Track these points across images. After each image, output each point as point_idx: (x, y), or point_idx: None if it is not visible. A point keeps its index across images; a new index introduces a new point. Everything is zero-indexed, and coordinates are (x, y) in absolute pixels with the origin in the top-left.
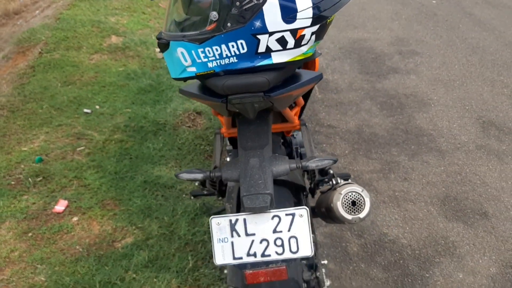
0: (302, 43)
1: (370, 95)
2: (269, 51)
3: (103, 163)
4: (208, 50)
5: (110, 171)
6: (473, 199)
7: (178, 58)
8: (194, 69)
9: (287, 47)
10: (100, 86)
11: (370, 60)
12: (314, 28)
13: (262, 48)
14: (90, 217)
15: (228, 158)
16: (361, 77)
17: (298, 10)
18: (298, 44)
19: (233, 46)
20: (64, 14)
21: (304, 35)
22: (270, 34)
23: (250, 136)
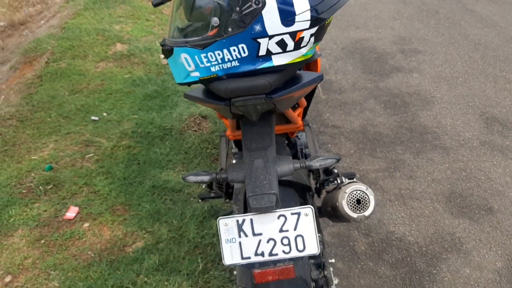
0: (302, 45)
1: (373, 95)
2: (269, 54)
3: (112, 169)
4: (210, 55)
5: (119, 177)
6: (478, 195)
7: (182, 63)
8: (197, 73)
9: (287, 50)
10: (106, 93)
11: (373, 59)
12: (313, 30)
13: (262, 51)
14: (100, 222)
15: (234, 161)
16: (364, 76)
17: (296, 13)
18: (297, 46)
19: (234, 50)
20: (69, 24)
21: (303, 37)
22: (270, 37)
23: (254, 137)
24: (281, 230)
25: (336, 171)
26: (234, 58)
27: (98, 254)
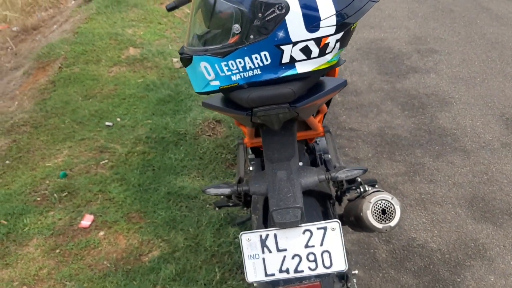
0: (327, 51)
1: (390, 96)
2: (293, 61)
3: (127, 176)
4: (231, 63)
5: (134, 184)
6: (501, 199)
7: (201, 72)
8: (217, 82)
9: (312, 56)
10: (120, 98)
11: (389, 60)
12: (338, 35)
13: (286, 58)
14: (116, 231)
15: (250, 167)
16: (380, 77)
17: (322, 18)
18: (322, 52)
19: (256, 58)
20: (82, 28)
21: (328, 43)
22: (294, 44)
23: (275, 147)
24: (306, 246)
25: (359, 179)
26: (256, 66)
27: (114, 263)
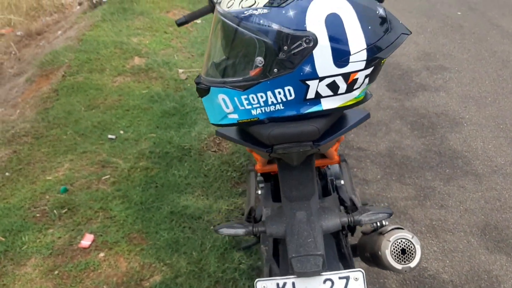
0: (355, 87)
1: (399, 115)
2: (318, 97)
3: (129, 193)
4: (252, 97)
5: (136, 201)
6: None
7: (219, 104)
8: (236, 116)
9: (339, 92)
10: (124, 109)
11: (397, 76)
12: (368, 70)
13: (311, 94)
14: (116, 252)
15: (259, 191)
16: (388, 95)
17: (351, 53)
18: (350, 88)
19: (279, 93)
20: (86, 36)
21: (357, 79)
22: (321, 79)
23: (293, 184)
24: None
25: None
26: (279, 101)
27: None
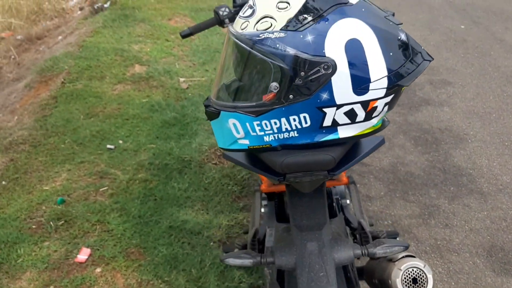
0: (374, 115)
1: (402, 129)
2: (335, 125)
3: (127, 206)
4: (265, 123)
5: (134, 215)
6: None
7: (229, 129)
8: (247, 141)
9: (357, 121)
10: (123, 118)
11: None
12: (388, 98)
13: (327, 122)
14: (114, 268)
15: (263, 209)
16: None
17: (372, 80)
18: (369, 116)
19: (294, 120)
20: (87, 42)
21: (376, 107)
22: (338, 107)
23: (304, 211)
24: None
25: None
26: (294, 128)
27: None
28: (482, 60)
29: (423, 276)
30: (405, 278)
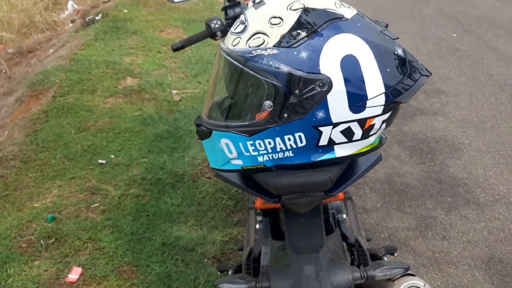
0: (371, 133)
1: (397, 139)
2: (331, 144)
3: (119, 222)
4: (259, 143)
5: (126, 232)
6: None
7: (222, 149)
8: (240, 162)
9: (354, 139)
10: (115, 132)
11: None
12: (386, 116)
13: (323, 141)
14: (106, 287)
15: (257, 225)
16: None
17: (369, 98)
18: (366, 135)
19: (289, 139)
20: (78, 55)
21: (373, 125)
22: (335, 125)
23: (300, 232)
24: None
25: (385, 258)
26: (289, 147)
27: None
28: (475, 68)
29: None
30: None
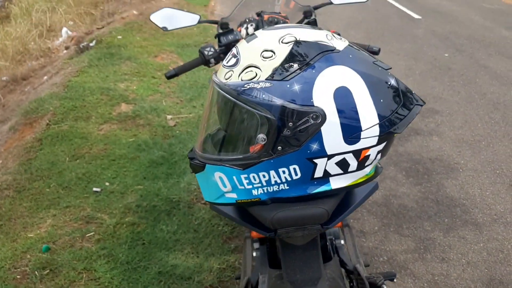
0: (366, 164)
1: (393, 160)
2: (327, 176)
3: (114, 251)
4: (253, 176)
5: (121, 261)
6: None
7: (215, 182)
8: (234, 195)
9: (349, 170)
10: (109, 159)
11: None
12: (381, 146)
13: (319, 173)
14: None
15: (254, 253)
16: None
17: (363, 129)
18: (361, 165)
19: (284, 172)
20: (72, 82)
21: (369, 155)
22: (329, 157)
23: (297, 264)
24: None
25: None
26: (283, 180)
27: None
28: (468, 87)
29: None
30: None
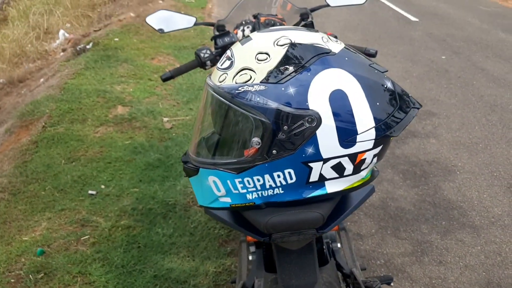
0: (362, 168)
1: (390, 163)
2: (322, 180)
3: (109, 255)
4: (247, 181)
5: (117, 264)
6: None
7: (209, 186)
8: (228, 199)
9: (345, 174)
10: (105, 162)
11: None
12: (377, 150)
13: (314, 177)
14: None
15: (250, 257)
16: None
17: (359, 132)
18: (357, 169)
19: (279, 176)
20: (69, 84)
21: (365, 159)
22: (325, 161)
23: (293, 269)
24: None
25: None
26: (278, 185)
27: None
28: (465, 90)
29: None
30: None
